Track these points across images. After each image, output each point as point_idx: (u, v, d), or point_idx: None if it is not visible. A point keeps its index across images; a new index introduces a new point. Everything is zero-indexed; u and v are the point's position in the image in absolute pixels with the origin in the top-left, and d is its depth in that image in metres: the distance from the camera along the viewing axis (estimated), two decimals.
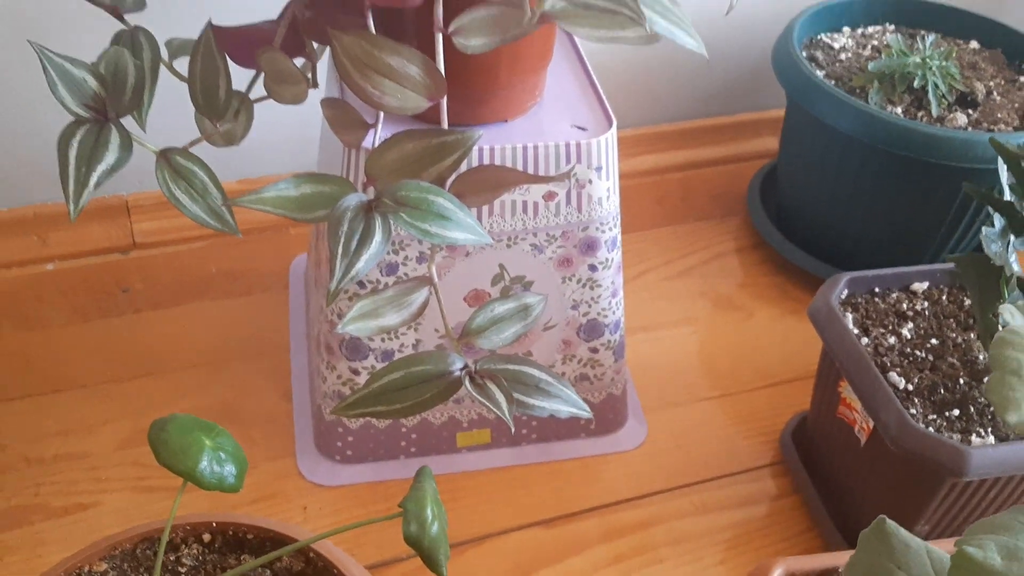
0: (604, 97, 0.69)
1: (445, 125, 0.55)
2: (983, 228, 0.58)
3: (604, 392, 0.77)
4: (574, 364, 0.74)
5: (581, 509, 0.74)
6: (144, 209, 0.89)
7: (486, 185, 0.56)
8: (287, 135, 0.92)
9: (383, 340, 0.70)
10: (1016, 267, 0.61)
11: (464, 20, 0.54)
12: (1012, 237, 0.59)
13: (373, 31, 0.56)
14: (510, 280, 0.69)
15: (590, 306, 0.72)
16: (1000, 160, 0.61)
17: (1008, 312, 0.38)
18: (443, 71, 0.53)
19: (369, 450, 0.74)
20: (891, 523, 0.44)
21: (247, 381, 0.81)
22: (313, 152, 0.89)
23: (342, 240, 0.50)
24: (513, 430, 0.68)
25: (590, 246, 0.69)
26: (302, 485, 0.74)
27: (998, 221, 0.59)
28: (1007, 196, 0.62)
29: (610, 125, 0.67)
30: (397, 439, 0.74)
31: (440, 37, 0.54)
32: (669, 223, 1.01)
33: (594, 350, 0.74)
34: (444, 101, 0.55)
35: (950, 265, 0.71)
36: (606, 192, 0.68)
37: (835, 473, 0.72)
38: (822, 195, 0.92)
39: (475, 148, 0.64)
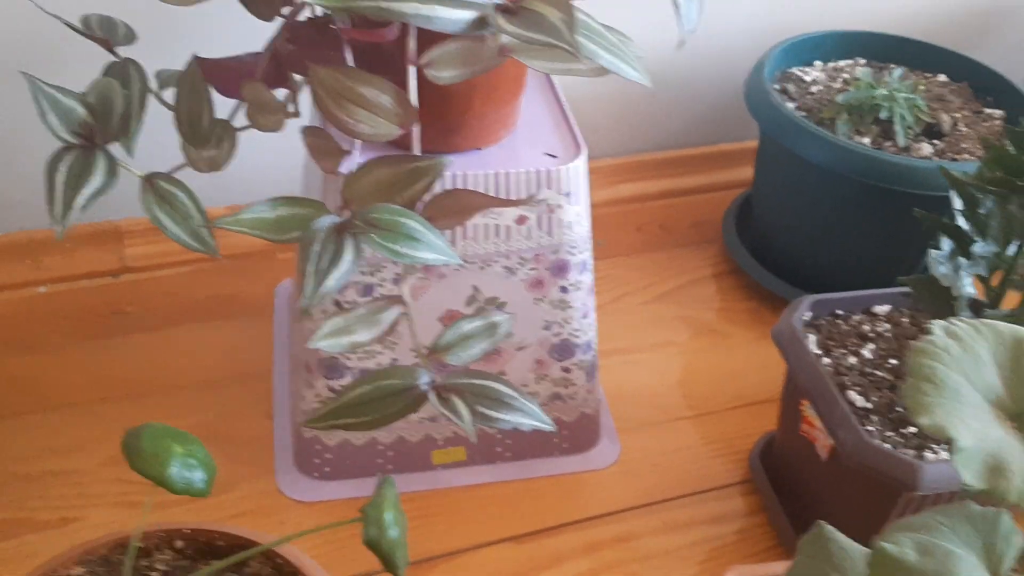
0: (575, 126, 0.72)
1: (418, 152, 0.58)
2: (930, 251, 0.61)
3: (577, 411, 0.79)
4: (547, 383, 0.77)
5: (553, 525, 0.76)
6: (136, 234, 0.92)
7: (456, 208, 0.59)
8: (277, 163, 0.95)
9: (360, 359, 0.72)
10: (968, 288, 0.64)
11: (435, 53, 0.57)
12: (962, 260, 0.61)
13: (352, 64, 0.60)
14: (484, 301, 0.72)
15: (562, 327, 0.74)
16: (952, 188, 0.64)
17: (937, 328, 0.41)
18: (418, 101, 0.56)
19: (346, 467, 0.76)
20: (829, 528, 0.47)
21: (232, 402, 0.84)
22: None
23: (313, 259, 0.53)
24: (475, 440, 0.71)
25: (561, 268, 0.72)
26: (281, 501, 0.76)
27: (946, 244, 0.61)
28: (960, 221, 0.64)
29: (579, 153, 0.70)
30: (374, 456, 0.76)
31: (414, 70, 0.57)
32: (648, 250, 1.04)
33: (567, 370, 0.77)
34: (416, 129, 0.58)
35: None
36: (576, 217, 0.70)
37: (800, 490, 0.74)
38: (795, 223, 0.94)
39: (449, 174, 0.67)
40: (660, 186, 1.07)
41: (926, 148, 0.88)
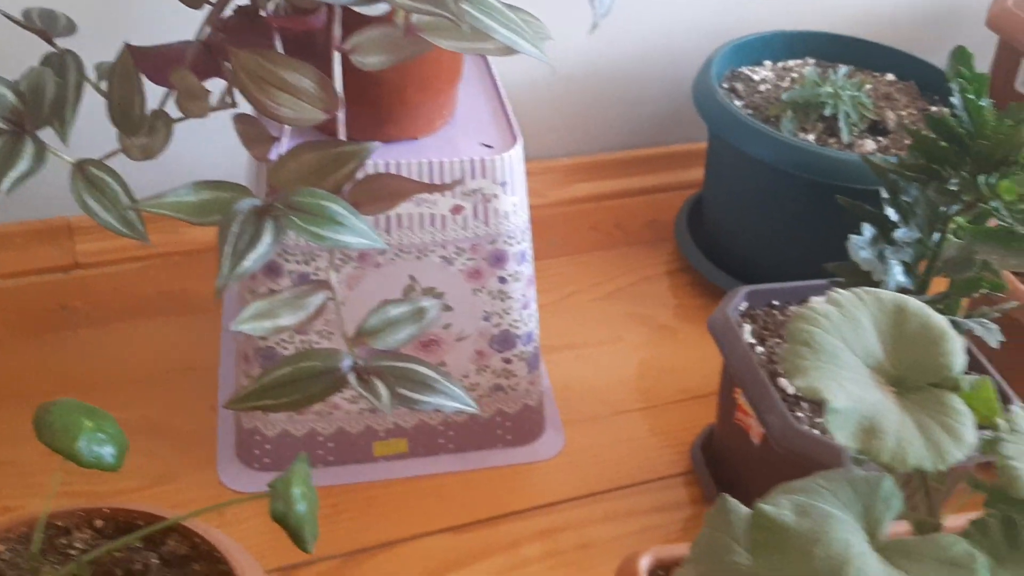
0: (512, 118, 0.73)
1: (343, 137, 0.59)
2: (850, 237, 0.61)
3: (520, 403, 0.79)
4: (488, 375, 0.77)
5: (493, 516, 0.76)
6: (87, 231, 0.93)
7: (381, 193, 0.60)
8: (231, 154, 0.95)
9: (299, 348, 0.73)
10: (897, 275, 0.64)
11: (359, 39, 0.58)
12: (889, 247, 0.62)
13: (281, 52, 0.60)
14: (421, 291, 0.72)
15: (502, 317, 0.75)
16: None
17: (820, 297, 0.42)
18: (352, 91, 0.57)
19: (287, 458, 0.76)
20: (731, 500, 0.47)
21: (178, 395, 0.84)
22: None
23: (231, 240, 0.53)
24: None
25: (499, 259, 0.72)
26: (222, 492, 0.76)
27: (868, 231, 0.62)
28: (889, 210, 0.65)
29: (515, 143, 0.70)
30: (314, 447, 0.76)
31: (338, 56, 0.58)
32: (602, 248, 1.04)
33: (507, 361, 0.77)
34: (342, 114, 0.59)
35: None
36: (513, 207, 0.71)
37: (737, 478, 0.75)
38: (743, 220, 0.95)
39: (383, 163, 0.67)
40: (615, 186, 1.08)
41: (869, 144, 0.89)
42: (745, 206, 0.94)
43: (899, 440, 0.36)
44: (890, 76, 1.00)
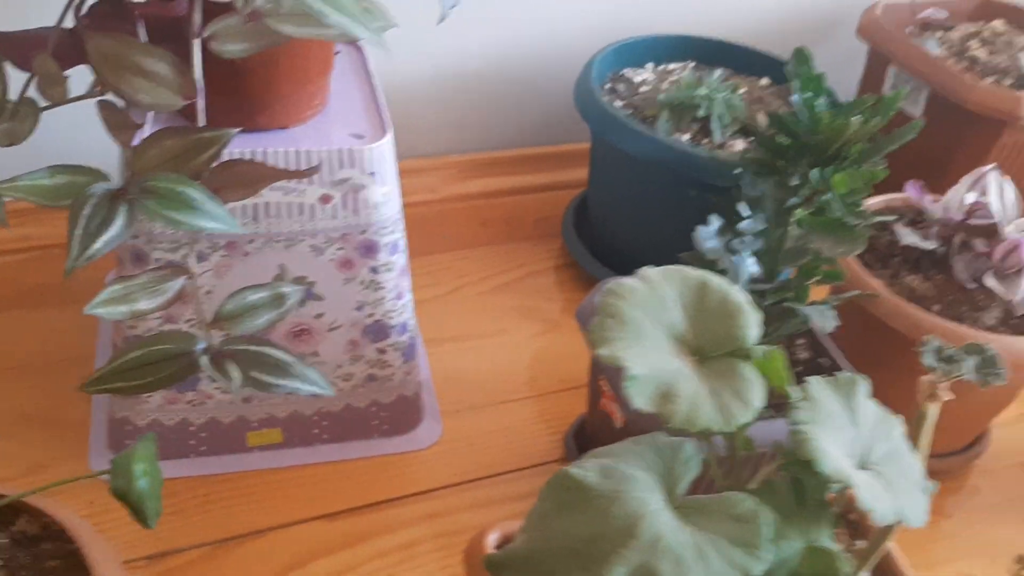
0: (384, 109, 0.74)
1: (203, 123, 0.59)
2: (698, 227, 0.64)
3: (395, 393, 0.81)
4: (362, 364, 0.78)
5: (367, 503, 0.77)
6: None
7: (240, 180, 0.60)
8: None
9: None
10: (749, 265, 0.67)
11: (218, 26, 0.58)
12: (734, 237, 0.65)
13: (145, 39, 0.61)
14: (292, 280, 0.73)
15: (375, 308, 0.76)
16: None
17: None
18: (212, 77, 0.57)
19: (158, 449, 0.76)
20: (566, 472, 0.49)
21: (55, 387, 0.83)
22: None
23: (81, 223, 0.53)
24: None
25: (370, 249, 0.73)
26: (92, 483, 0.75)
27: (715, 222, 0.65)
28: (740, 203, 0.68)
29: (385, 134, 0.72)
30: (186, 438, 0.76)
31: (199, 43, 0.58)
32: (492, 243, 1.06)
33: (382, 351, 0.78)
34: (201, 101, 0.59)
35: None
36: (383, 197, 0.72)
37: None
38: (624, 216, 0.98)
39: (250, 151, 0.68)
40: (506, 183, 1.10)
41: (739, 145, 0.93)
42: (625, 203, 0.97)
43: (692, 404, 0.39)
44: (765, 80, 1.04)
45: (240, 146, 0.68)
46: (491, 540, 0.56)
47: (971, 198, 0.81)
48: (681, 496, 0.40)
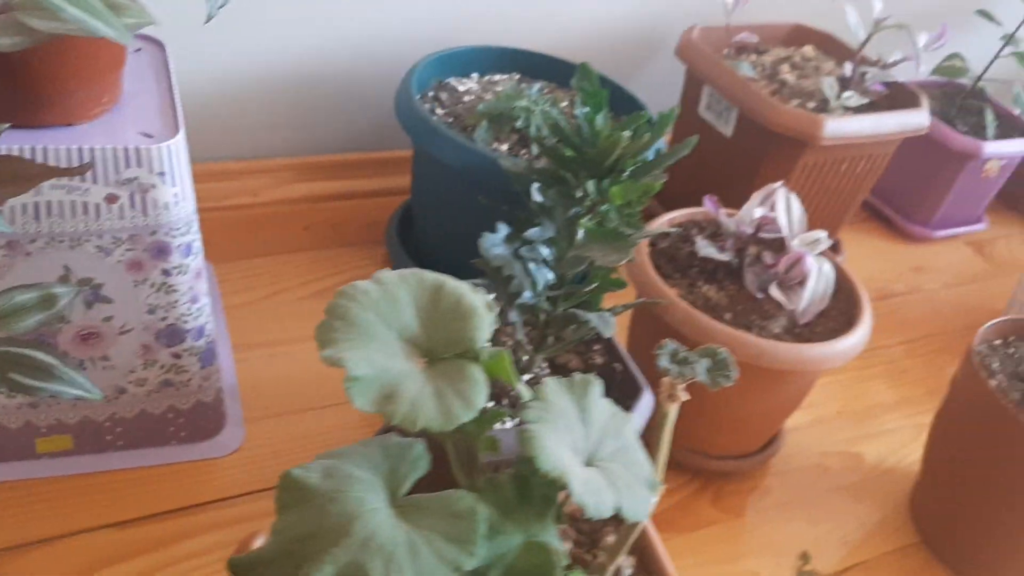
0: (179, 108, 0.73)
1: None
2: (484, 234, 0.66)
3: (193, 399, 0.79)
4: (156, 369, 0.76)
5: (161, 511, 0.75)
6: None
7: (9, 177, 0.58)
8: None
9: None
10: (545, 272, 0.69)
11: None
12: (522, 244, 0.67)
13: None
14: (77, 282, 0.71)
15: (168, 311, 0.74)
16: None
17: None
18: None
19: None
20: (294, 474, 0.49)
21: None
22: None
23: None
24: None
25: (161, 251, 0.72)
26: None
27: (502, 229, 0.66)
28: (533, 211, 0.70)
29: (176, 133, 0.70)
30: None
31: None
32: (315, 248, 1.05)
33: (177, 356, 0.76)
34: None
35: None
36: (173, 198, 0.71)
37: None
38: (443, 223, 0.99)
39: (29, 148, 0.66)
40: (333, 188, 1.10)
41: None
42: (443, 211, 0.98)
43: (413, 404, 0.39)
44: None
45: (19, 142, 0.66)
46: (260, 540, 0.56)
47: (760, 213, 0.86)
48: (403, 496, 0.41)
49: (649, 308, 0.81)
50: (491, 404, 0.68)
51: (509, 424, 0.66)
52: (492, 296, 0.80)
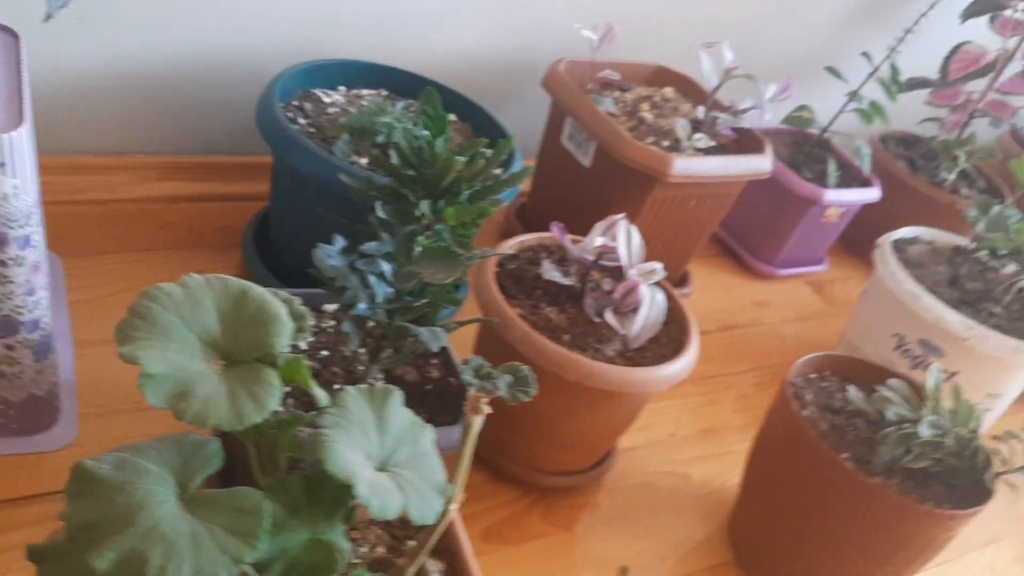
0: (27, 100, 0.73)
1: None
2: (319, 245, 0.68)
3: (25, 391, 0.78)
4: None
5: None
6: None
7: None
8: None
9: None
10: (379, 285, 0.72)
11: None
12: (359, 257, 0.69)
13: None
14: None
15: (2, 302, 0.73)
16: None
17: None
18: None
19: None
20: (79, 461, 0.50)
21: None
22: None
23: None
24: None
25: None
26: None
27: (339, 241, 0.69)
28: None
29: (21, 124, 0.70)
30: None
31: None
32: (169, 248, 1.05)
33: (10, 347, 0.76)
34: None
35: None
36: (14, 189, 0.70)
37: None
38: (297, 232, 1.01)
39: None
40: (192, 189, 1.10)
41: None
42: (298, 219, 0.99)
43: (205, 404, 0.41)
44: (452, 116, 1.11)
45: None
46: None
47: (601, 242, 0.91)
48: (194, 490, 0.42)
49: (492, 327, 0.84)
50: (300, 410, 0.70)
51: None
52: (334, 307, 0.83)
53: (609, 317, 0.88)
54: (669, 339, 0.93)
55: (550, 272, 0.92)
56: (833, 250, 1.52)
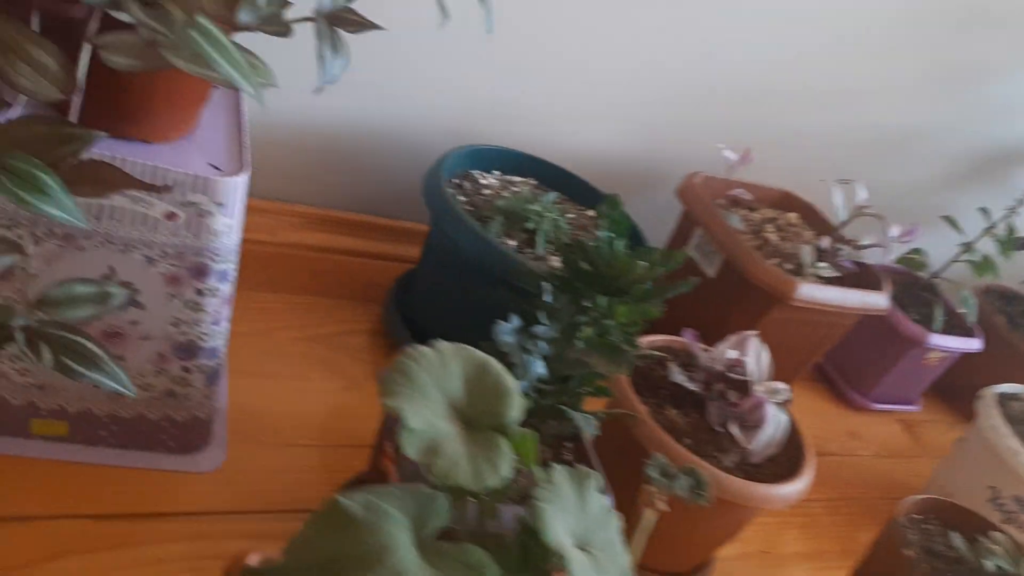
0: (247, 149, 0.80)
1: (74, 119, 0.63)
2: (497, 321, 0.73)
3: (190, 413, 0.84)
4: (164, 378, 0.81)
5: (137, 513, 0.79)
6: None
7: (96, 179, 0.64)
8: None
9: None
10: (537, 366, 0.76)
11: (111, 39, 0.63)
12: (528, 338, 0.74)
13: (37, 28, 0.64)
14: (119, 283, 0.76)
15: (190, 327, 0.80)
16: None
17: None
18: (91, 80, 0.62)
19: None
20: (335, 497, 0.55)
21: None
22: None
23: None
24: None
25: (201, 272, 0.78)
26: None
27: (515, 320, 0.74)
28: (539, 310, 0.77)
29: (242, 171, 0.77)
30: None
31: (88, 48, 0.63)
32: (317, 295, 1.12)
33: (187, 370, 0.81)
34: (77, 99, 0.63)
35: None
36: (226, 228, 0.77)
37: None
38: (443, 300, 1.06)
39: (110, 155, 0.72)
40: (345, 243, 1.16)
41: (556, 262, 1.04)
42: (447, 288, 1.05)
43: (451, 463, 0.46)
44: (592, 212, 1.17)
45: (101, 149, 0.72)
46: (253, 560, 0.61)
47: (732, 355, 0.95)
48: (427, 539, 0.47)
49: (623, 419, 0.88)
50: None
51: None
52: None
53: (733, 428, 0.92)
54: (786, 459, 0.96)
55: (677, 376, 0.96)
56: (927, 392, 1.54)
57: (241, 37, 0.62)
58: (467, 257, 0.99)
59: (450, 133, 1.17)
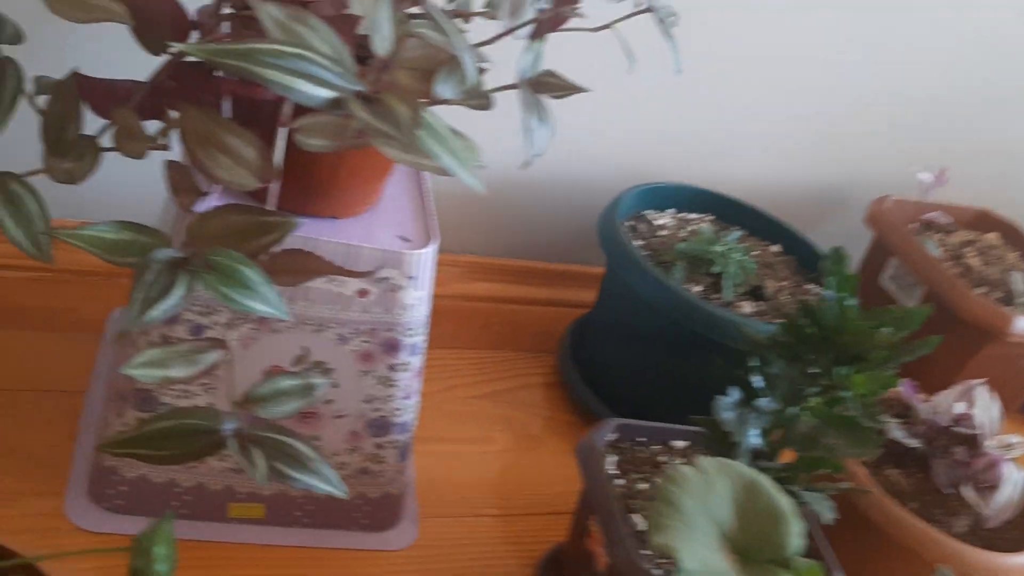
0: (434, 219, 0.76)
1: (272, 208, 0.61)
2: (718, 397, 0.67)
3: (383, 490, 0.81)
4: (358, 456, 0.78)
5: None
6: None
7: (296, 268, 0.62)
8: (143, 191, 0.95)
9: (176, 396, 0.72)
10: (753, 438, 0.70)
11: (307, 121, 0.60)
12: (751, 412, 0.67)
13: (228, 113, 0.62)
14: (312, 364, 0.74)
15: (383, 404, 0.77)
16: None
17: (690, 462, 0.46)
18: (285, 162, 0.59)
19: (139, 504, 0.75)
20: None
21: (36, 416, 0.82)
22: None
23: (143, 287, 0.54)
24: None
25: (393, 347, 0.74)
26: (63, 526, 0.74)
27: (735, 394, 0.67)
28: (755, 378, 0.71)
29: (431, 242, 0.74)
30: (170, 497, 0.75)
31: (284, 131, 0.60)
32: (489, 348, 1.08)
33: (380, 446, 0.78)
34: (275, 186, 0.61)
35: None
36: (417, 300, 0.74)
37: None
38: (622, 350, 1.01)
39: (301, 236, 0.69)
40: (514, 292, 1.12)
41: (747, 307, 0.96)
42: (626, 338, 1.00)
43: None
44: (776, 247, 1.09)
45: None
46: None
47: (960, 408, 0.85)
48: None
49: (850, 494, 0.80)
50: None
51: None
52: (683, 444, 0.81)
53: (967, 492, 0.83)
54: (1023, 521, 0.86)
55: (895, 432, 0.87)
56: None
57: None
58: (648, 305, 0.92)
59: (620, 169, 1.12)
